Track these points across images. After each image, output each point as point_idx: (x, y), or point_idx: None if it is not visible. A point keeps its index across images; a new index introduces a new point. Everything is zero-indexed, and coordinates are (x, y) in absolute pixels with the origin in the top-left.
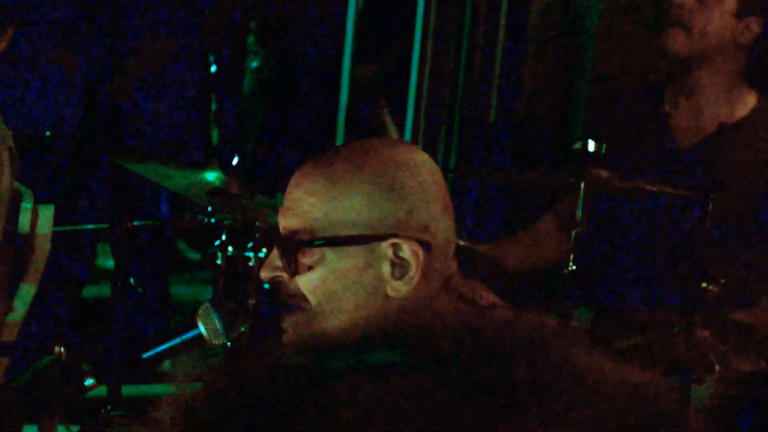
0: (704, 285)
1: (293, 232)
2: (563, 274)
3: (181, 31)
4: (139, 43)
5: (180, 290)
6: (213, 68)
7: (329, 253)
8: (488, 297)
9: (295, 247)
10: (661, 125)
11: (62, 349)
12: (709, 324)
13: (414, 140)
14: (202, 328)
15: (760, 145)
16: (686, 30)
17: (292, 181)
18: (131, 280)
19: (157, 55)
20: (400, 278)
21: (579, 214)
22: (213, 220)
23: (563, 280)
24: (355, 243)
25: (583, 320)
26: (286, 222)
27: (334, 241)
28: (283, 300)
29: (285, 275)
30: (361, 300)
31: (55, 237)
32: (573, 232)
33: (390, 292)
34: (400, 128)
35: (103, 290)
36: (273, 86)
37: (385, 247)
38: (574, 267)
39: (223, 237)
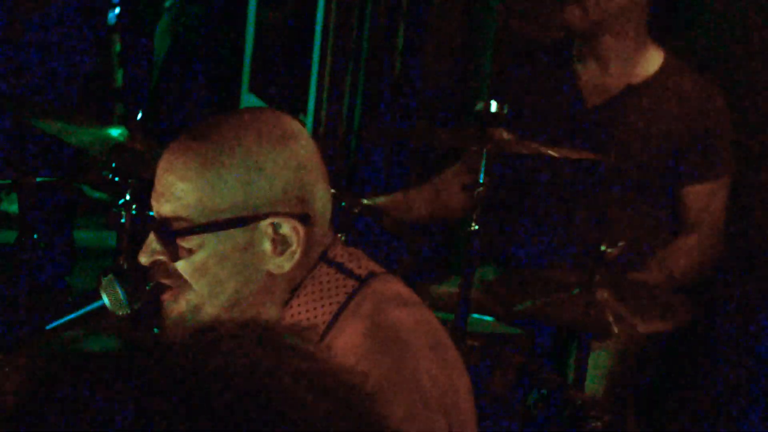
0: (603, 247)
1: (169, 219)
2: (467, 233)
3: None
4: None
5: (85, 236)
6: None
7: (208, 236)
8: (367, 265)
9: (172, 236)
10: (568, 82)
11: None
12: (608, 285)
13: (319, 96)
14: (105, 299)
15: (659, 106)
16: (580, 4)
17: (163, 163)
18: (35, 236)
19: None
20: (282, 254)
21: (481, 175)
22: (117, 179)
23: (466, 238)
24: (233, 226)
25: (487, 278)
26: (160, 207)
27: (212, 227)
28: (162, 280)
29: (165, 258)
30: (243, 279)
31: None
32: (475, 192)
33: (273, 269)
34: (305, 84)
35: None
36: (179, 35)
37: (265, 226)
38: (477, 227)
39: (128, 196)
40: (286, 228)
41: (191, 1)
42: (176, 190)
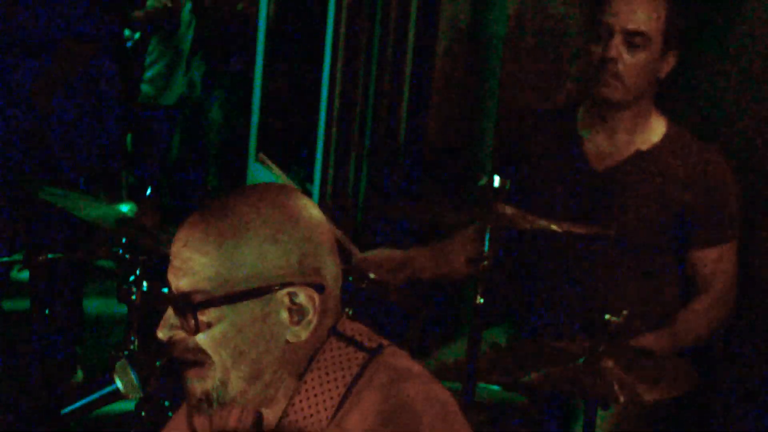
0: (607, 317)
1: (187, 293)
2: (472, 306)
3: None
4: (56, 49)
5: (95, 303)
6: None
7: (227, 309)
8: (376, 338)
9: (191, 310)
10: (574, 148)
11: None
12: (613, 354)
13: (325, 166)
14: (119, 383)
15: (667, 171)
16: (621, 81)
17: (179, 238)
18: (47, 310)
19: (74, 59)
20: (299, 323)
21: (486, 250)
22: (127, 256)
23: (472, 312)
24: (251, 297)
25: (495, 339)
26: (177, 282)
27: (230, 299)
28: (182, 355)
29: (184, 333)
30: (263, 348)
31: None
32: (480, 266)
33: (290, 338)
34: (311, 153)
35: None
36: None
37: (281, 296)
38: (482, 300)
39: (137, 272)
40: (302, 297)
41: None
42: (194, 264)
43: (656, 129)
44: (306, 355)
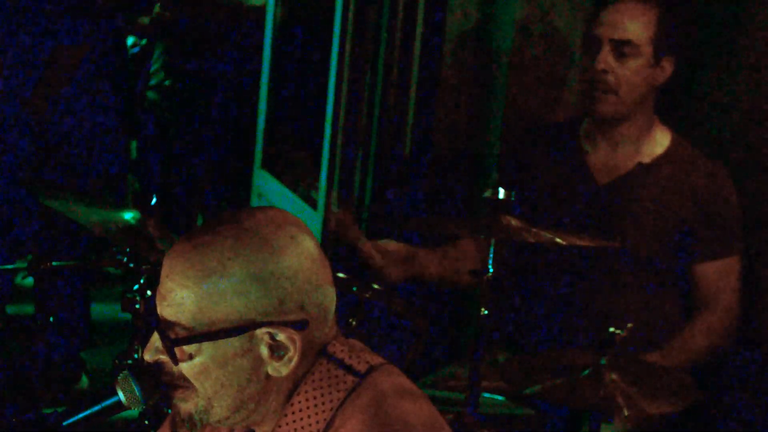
0: (612, 329)
1: (170, 324)
2: (476, 318)
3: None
4: (53, 54)
5: (102, 309)
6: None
7: (206, 343)
8: (367, 358)
9: (172, 343)
10: (577, 161)
11: None
12: (617, 367)
13: (330, 175)
14: (121, 395)
15: (669, 184)
16: (614, 94)
17: (165, 267)
18: (51, 318)
19: (70, 62)
20: (279, 359)
21: (490, 262)
22: (131, 264)
23: (476, 323)
24: (230, 335)
25: (494, 355)
26: (162, 310)
27: (209, 336)
28: (167, 379)
29: (167, 358)
30: (244, 381)
31: None
32: (484, 278)
33: (271, 372)
34: (316, 162)
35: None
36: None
37: (261, 333)
38: (486, 312)
39: (141, 281)
40: (282, 336)
41: (203, 81)
42: (176, 297)
43: (660, 141)
44: (293, 381)
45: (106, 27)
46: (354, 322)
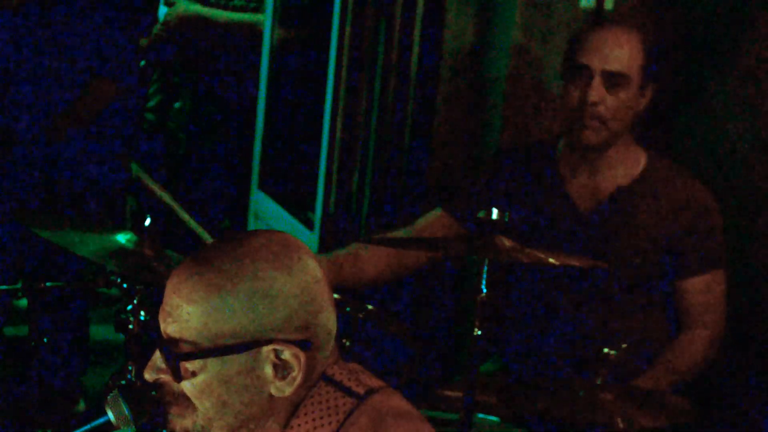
0: (605, 350)
1: (174, 341)
2: (469, 338)
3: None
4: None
5: (101, 330)
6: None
7: (212, 360)
8: (366, 381)
9: (176, 358)
10: (557, 188)
11: None
12: (612, 387)
13: (326, 195)
14: (110, 414)
15: (649, 203)
16: (603, 124)
17: (170, 284)
18: (45, 339)
19: (99, 97)
20: (283, 379)
21: (483, 282)
22: (125, 285)
23: (469, 343)
24: (236, 352)
25: (490, 371)
26: (166, 327)
27: (215, 352)
28: (167, 399)
29: (169, 377)
30: (247, 401)
31: None
32: (477, 299)
33: (274, 392)
34: (314, 163)
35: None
36: (189, 134)
37: (267, 351)
38: (480, 332)
39: (135, 301)
40: (288, 354)
41: (201, 102)
42: (182, 313)
43: (637, 161)
44: (294, 402)
45: (130, 60)
46: (348, 343)
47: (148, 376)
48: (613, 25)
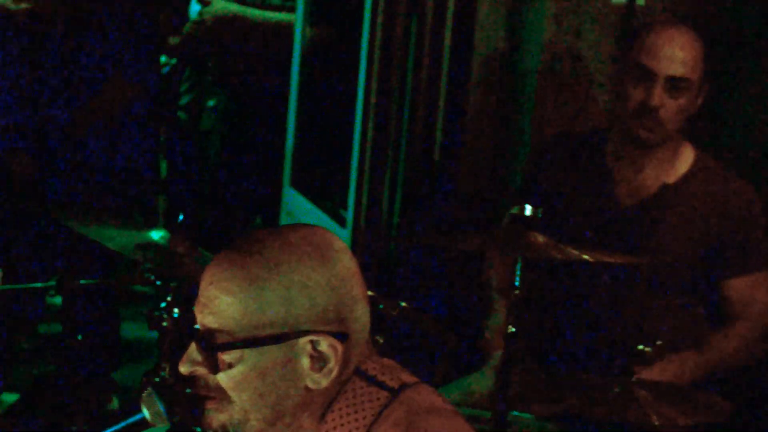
0: (641, 347)
1: (211, 332)
2: (505, 335)
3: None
4: (100, 84)
5: (133, 327)
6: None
7: (248, 351)
8: (400, 376)
9: (214, 348)
10: (602, 183)
11: None
12: (647, 385)
13: (359, 193)
14: (145, 412)
15: (694, 202)
16: (661, 125)
17: (207, 275)
18: (79, 336)
19: (120, 97)
20: (320, 371)
21: (517, 279)
22: (159, 282)
23: (505, 340)
24: (274, 342)
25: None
26: (203, 318)
27: (253, 342)
28: (203, 392)
29: (205, 370)
30: (283, 393)
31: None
32: (511, 296)
33: (310, 384)
34: (345, 179)
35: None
36: (221, 133)
37: (304, 343)
38: (514, 329)
39: (168, 298)
40: (325, 345)
41: (234, 101)
42: (220, 304)
43: (685, 160)
44: (329, 397)
45: (152, 61)
46: (381, 340)
47: (184, 368)
48: (673, 25)
